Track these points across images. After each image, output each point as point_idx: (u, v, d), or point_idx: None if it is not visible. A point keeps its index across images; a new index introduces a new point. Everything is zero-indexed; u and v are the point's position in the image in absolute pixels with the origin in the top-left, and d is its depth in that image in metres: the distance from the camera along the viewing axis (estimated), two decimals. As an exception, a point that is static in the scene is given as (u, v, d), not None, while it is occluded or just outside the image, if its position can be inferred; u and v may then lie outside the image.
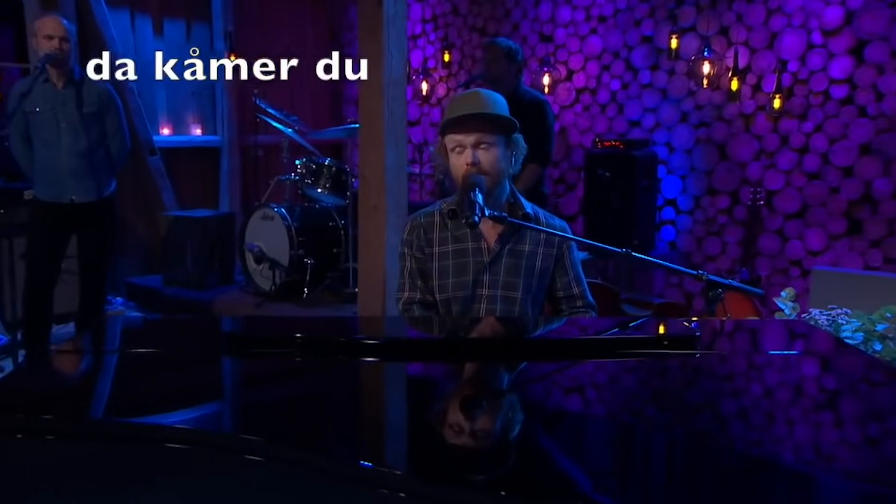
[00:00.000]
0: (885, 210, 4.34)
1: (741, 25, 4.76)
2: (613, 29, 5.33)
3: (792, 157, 4.62)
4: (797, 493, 1.02)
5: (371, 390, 1.50)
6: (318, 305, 4.88)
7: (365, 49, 2.83)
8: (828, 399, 1.40)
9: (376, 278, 2.81)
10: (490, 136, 2.08)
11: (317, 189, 5.03)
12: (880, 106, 4.30)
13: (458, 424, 1.26)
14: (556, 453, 1.16)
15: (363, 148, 2.89)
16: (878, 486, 1.04)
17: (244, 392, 1.47)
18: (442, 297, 2.20)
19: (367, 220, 2.85)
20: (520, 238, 2.18)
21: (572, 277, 2.23)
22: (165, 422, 1.24)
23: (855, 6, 4.34)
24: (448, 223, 2.20)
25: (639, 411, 1.33)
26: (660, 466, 1.13)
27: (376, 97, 2.77)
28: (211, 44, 6.56)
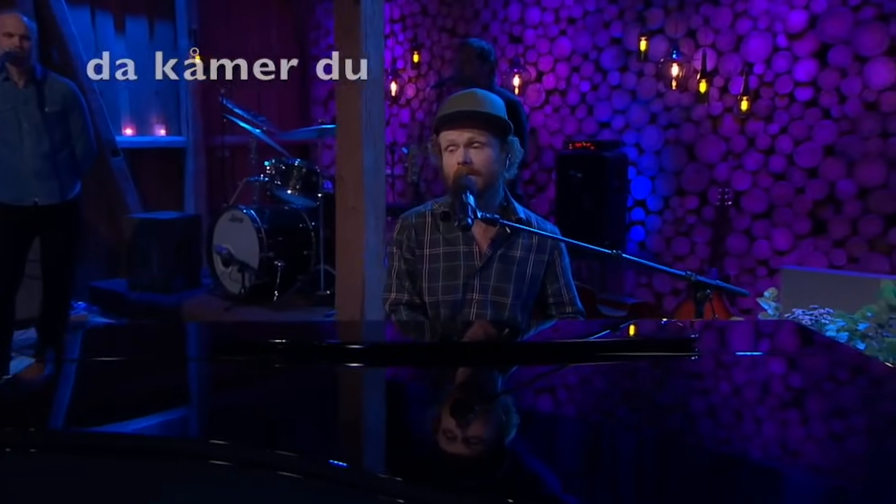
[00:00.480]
0: (848, 210, 4.44)
1: (708, 28, 4.82)
2: (583, 31, 5.37)
3: (758, 159, 4.70)
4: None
5: (365, 395, 1.47)
6: (289, 308, 4.82)
7: (342, 49, 2.79)
8: (838, 398, 1.41)
9: (355, 281, 2.78)
10: (483, 135, 2.05)
11: (287, 190, 4.97)
12: (843, 108, 4.40)
13: (452, 430, 1.25)
14: (549, 457, 1.15)
15: (340, 149, 2.85)
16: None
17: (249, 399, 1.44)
18: (430, 300, 2.17)
19: (344, 221, 2.81)
20: (512, 243, 2.16)
21: (563, 284, 2.22)
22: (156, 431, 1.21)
23: (818, 10, 4.43)
24: (440, 225, 2.17)
25: (641, 415, 1.32)
26: (662, 471, 1.13)
27: (354, 97, 2.74)
28: (175, 42, 6.44)
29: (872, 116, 4.31)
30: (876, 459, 1.14)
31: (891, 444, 1.19)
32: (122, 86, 6.11)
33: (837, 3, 4.37)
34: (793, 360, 1.61)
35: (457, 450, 1.16)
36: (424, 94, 6.27)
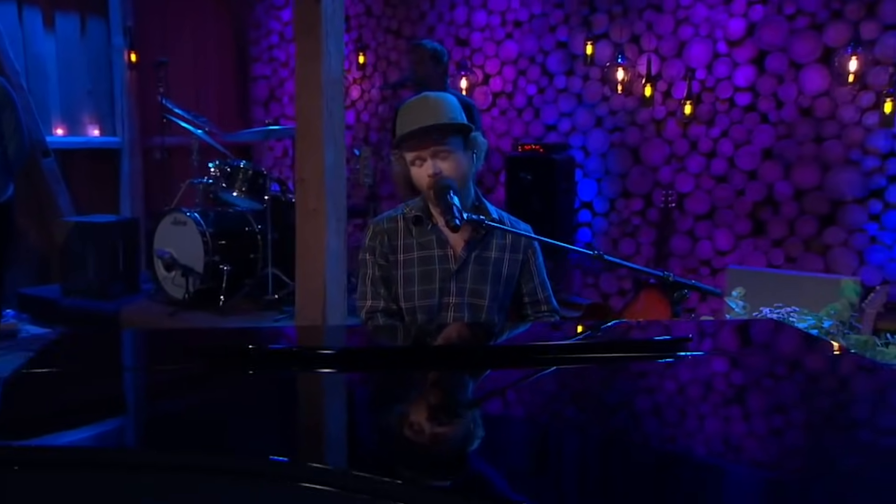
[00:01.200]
0: (785, 211, 4.61)
1: (651, 34, 4.94)
2: (529, 34, 5.42)
3: (700, 161, 4.83)
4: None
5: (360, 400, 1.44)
6: (236, 313, 4.71)
7: (302, 48, 2.74)
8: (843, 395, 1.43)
9: (316, 284, 2.72)
10: (446, 144, 2.04)
11: (232, 193, 4.85)
12: (780, 113, 4.57)
13: (441, 433, 1.23)
14: (518, 457, 1.15)
15: (300, 150, 2.79)
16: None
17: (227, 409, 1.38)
18: (407, 306, 2.14)
19: (305, 223, 2.76)
20: (486, 244, 2.14)
21: (538, 283, 2.22)
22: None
23: (756, 18, 4.60)
24: (412, 229, 2.14)
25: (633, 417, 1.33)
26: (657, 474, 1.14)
27: (314, 97, 2.69)
28: (108, 39, 6.22)
29: (807, 121, 4.50)
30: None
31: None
32: (53, 83, 5.87)
33: (773, 11, 4.54)
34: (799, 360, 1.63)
35: (434, 451, 1.15)
36: (370, 95, 6.22)
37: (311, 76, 2.69)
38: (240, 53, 6.96)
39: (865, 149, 4.35)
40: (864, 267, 4.40)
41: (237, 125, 6.71)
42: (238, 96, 6.97)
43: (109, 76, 6.24)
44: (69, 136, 5.97)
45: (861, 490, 1.02)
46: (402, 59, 6.02)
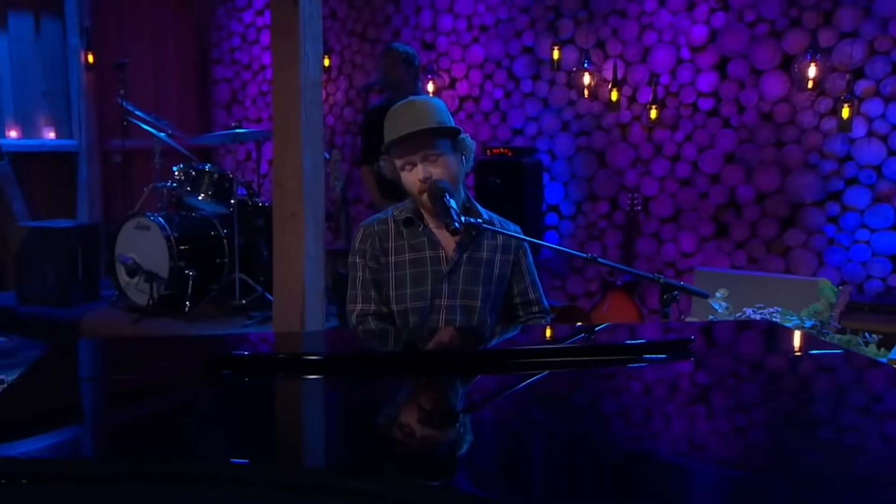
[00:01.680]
0: (747, 214, 4.72)
1: (617, 39, 5.01)
2: (495, 38, 5.45)
3: (665, 165, 4.92)
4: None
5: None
6: (203, 320, 4.63)
7: (279, 51, 2.71)
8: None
9: (295, 290, 2.70)
10: (436, 147, 2.04)
11: (197, 196, 4.78)
12: (742, 118, 4.68)
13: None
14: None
15: (278, 153, 2.76)
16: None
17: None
18: (399, 308, 2.12)
19: (283, 228, 2.73)
20: (477, 245, 2.14)
21: (529, 283, 2.22)
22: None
23: (718, 25, 4.70)
24: (403, 231, 2.13)
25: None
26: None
27: (293, 100, 2.66)
28: (64, 39, 6.07)
29: (768, 126, 4.61)
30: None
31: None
32: (6, 84, 5.70)
33: (734, 19, 4.65)
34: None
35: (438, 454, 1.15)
36: (335, 98, 6.19)
37: (289, 80, 2.66)
38: (201, 55, 6.85)
39: (823, 153, 4.48)
40: (822, 268, 4.53)
41: (198, 128, 6.61)
42: (199, 99, 6.86)
43: (65, 77, 6.08)
44: (23, 138, 5.80)
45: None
46: (366, 62, 6.00)
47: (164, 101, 6.48)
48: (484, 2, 5.46)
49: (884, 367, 1.56)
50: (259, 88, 6.58)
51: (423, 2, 5.69)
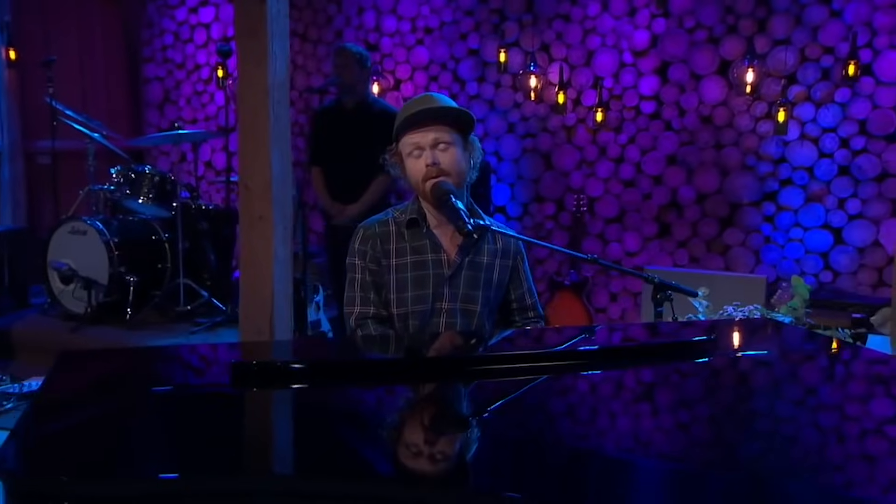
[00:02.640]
0: (689, 215, 4.88)
1: (561, 43, 5.10)
2: (440, 41, 5.46)
3: (609, 167, 5.04)
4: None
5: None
6: (146, 327, 4.46)
7: (245, 50, 2.64)
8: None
9: (263, 295, 2.63)
10: (447, 134, 2.02)
11: (137, 199, 4.60)
12: (683, 121, 4.84)
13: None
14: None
15: (244, 155, 2.69)
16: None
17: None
18: (399, 312, 2.09)
19: (250, 232, 2.66)
20: (478, 249, 2.11)
21: (526, 289, 2.22)
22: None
23: (659, 30, 4.85)
24: (405, 233, 2.10)
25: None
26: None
27: (260, 101, 2.60)
28: (-18, 34, 5.74)
29: (707, 129, 4.78)
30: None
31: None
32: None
33: (675, 25, 4.80)
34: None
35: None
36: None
37: (256, 79, 2.60)
38: (130, 53, 6.60)
39: (759, 155, 4.68)
40: (759, 265, 4.73)
41: (129, 128, 6.37)
42: (129, 98, 6.60)
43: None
44: (-60, 139, 5.45)
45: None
46: (308, 63, 5.91)
47: (92, 100, 6.21)
48: (428, 4, 5.46)
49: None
50: (194, 88, 6.39)
51: (365, 2, 5.65)
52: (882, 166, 4.43)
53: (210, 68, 6.28)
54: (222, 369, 1.43)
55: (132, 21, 6.56)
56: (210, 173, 6.37)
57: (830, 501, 0.99)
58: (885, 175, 4.43)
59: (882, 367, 1.55)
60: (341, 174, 3.99)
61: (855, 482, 1.05)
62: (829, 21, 4.47)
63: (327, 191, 4.37)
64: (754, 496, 1.00)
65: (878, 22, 4.37)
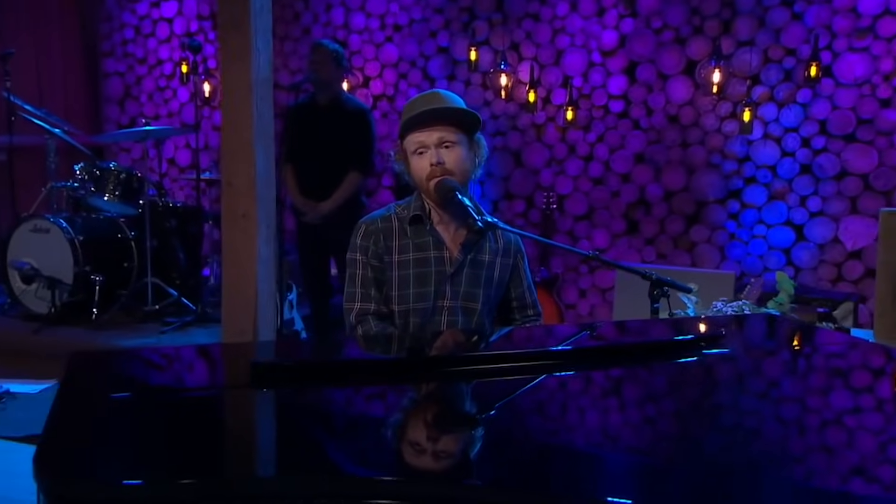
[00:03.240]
0: (656, 212, 4.98)
1: (531, 42, 5.15)
2: (409, 38, 5.46)
3: (579, 165, 5.10)
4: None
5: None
6: (113, 327, 4.35)
7: (228, 46, 2.60)
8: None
9: (247, 294, 2.60)
10: (453, 134, 2.02)
11: (102, 197, 4.50)
12: (650, 120, 4.93)
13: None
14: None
15: (227, 153, 2.65)
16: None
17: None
18: (400, 309, 2.08)
19: (234, 230, 2.62)
20: (480, 247, 2.11)
21: (526, 287, 2.23)
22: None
23: (627, 30, 4.92)
24: (408, 229, 2.10)
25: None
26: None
27: (243, 97, 2.57)
28: (-69, 26, 5.54)
29: (674, 128, 4.88)
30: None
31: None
32: None
33: (642, 25, 4.89)
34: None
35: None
36: (240, 95, 5.99)
37: (239, 75, 2.57)
38: (88, 48, 6.44)
39: (725, 154, 4.79)
40: (725, 262, 4.85)
41: (88, 124, 6.21)
42: (88, 93, 6.44)
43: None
44: None
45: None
46: (275, 59, 5.83)
47: (49, 95, 6.04)
48: (397, 1, 5.45)
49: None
50: (156, 84, 6.27)
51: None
52: (841, 165, 4.57)
53: (173, 63, 6.17)
54: (245, 369, 1.40)
55: (90, 15, 6.40)
56: (173, 170, 6.26)
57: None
58: (844, 174, 4.58)
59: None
60: (313, 171, 3.97)
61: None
62: (791, 23, 4.60)
63: (299, 188, 4.33)
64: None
65: (837, 25, 4.51)
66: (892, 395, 1.43)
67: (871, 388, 1.49)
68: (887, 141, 4.49)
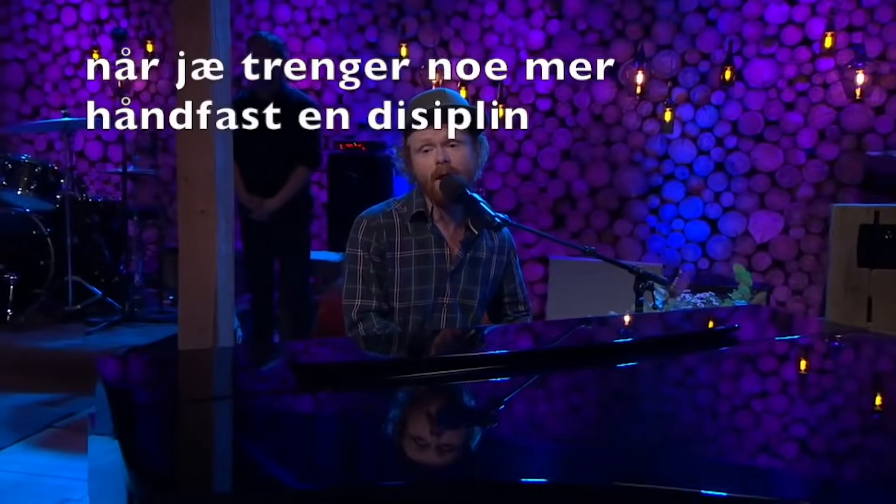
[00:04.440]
0: (581, 207, 5.16)
1: (460, 40, 5.22)
2: (336, 32, 5.41)
3: (507, 161, 5.22)
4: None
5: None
6: (30, 329, 4.13)
7: (185, 36, 2.53)
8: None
9: (206, 292, 2.53)
10: (459, 133, 2.02)
11: (15, 192, 4.25)
12: (576, 118, 5.10)
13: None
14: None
15: (183, 147, 2.57)
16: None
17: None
18: (401, 306, 2.07)
19: (191, 226, 2.55)
20: (478, 245, 2.12)
21: (518, 283, 2.25)
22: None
23: (553, 31, 5.07)
24: (408, 226, 2.09)
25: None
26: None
27: (202, 89, 2.50)
28: None
29: (599, 126, 5.07)
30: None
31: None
32: None
33: (568, 27, 5.05)
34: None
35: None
36: (157, 87, 5.76)
37: (198, 66, 2.50)
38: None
39: (646, 152, 5.02)
40: (646, 254, 5.09)
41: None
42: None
43: None
44: None
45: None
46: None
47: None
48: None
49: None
50: (62, 72, 5.93)
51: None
52: (751, 163, 4.89)
53: (81, 52, 5.86)
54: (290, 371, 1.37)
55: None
56: (82, 163, 5.95)
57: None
58: (754, 171, 4.90)
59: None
60: (259, 167, 3.87)
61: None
62: (705, 29, 4.87)
63: (244, 185, 4.21)
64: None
65: (747, 33, 4.81)
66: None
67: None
68: (791, 141, 4.83)
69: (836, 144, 4.78)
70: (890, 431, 1.23)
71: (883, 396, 1.42)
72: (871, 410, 1.35)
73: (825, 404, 1.37)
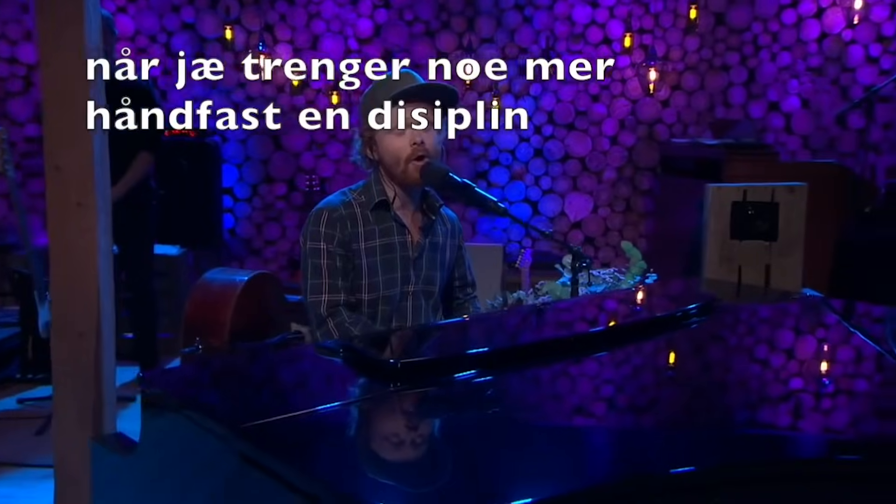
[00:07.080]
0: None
1: (285, 25, 5.10)
2: (147, 11, 5.04)
3: (340, 148, 5.21)
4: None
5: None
6: None
7: (51, 13, 2.25)
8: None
9: (86, 293, 2.28)
10: (432, 114, 1.99)
11: None
12: (406, 106, 5.22)
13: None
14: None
15: (51, 132, 2.28)
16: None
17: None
18: (370, 297, 2.02)
19: (64, 221, 2.28)
20: (434, 231, 2.11)
21: (467, 266, 2.27)
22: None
23: (381, 20, 5.14)
24: (370, 215, 2.03)
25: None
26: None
27: (74, 67, 2.24)
28: None
29: (427, 114, 5.23)
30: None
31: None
32: None
33: (396, 16, 5.14)
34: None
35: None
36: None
37: (68, 43, 2.23)
38: None
39: (473, 138, 5.28)
40: (475, 235, 5.36)
41: None
42: None
43: None
44: None
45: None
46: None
47: None
48: (131, -31, 5.00)
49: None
50: None
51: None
52: (565, 150, 5.34)
53: None
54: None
55: None
56: None
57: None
58: (568, 157, 5.36)
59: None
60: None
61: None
62: (522, 25, 5.22)
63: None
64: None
65: (558, 30, 5.24)
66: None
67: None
68: (598, 129, 5.35)
69: (633, 133, 5.37)
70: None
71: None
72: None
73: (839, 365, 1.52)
